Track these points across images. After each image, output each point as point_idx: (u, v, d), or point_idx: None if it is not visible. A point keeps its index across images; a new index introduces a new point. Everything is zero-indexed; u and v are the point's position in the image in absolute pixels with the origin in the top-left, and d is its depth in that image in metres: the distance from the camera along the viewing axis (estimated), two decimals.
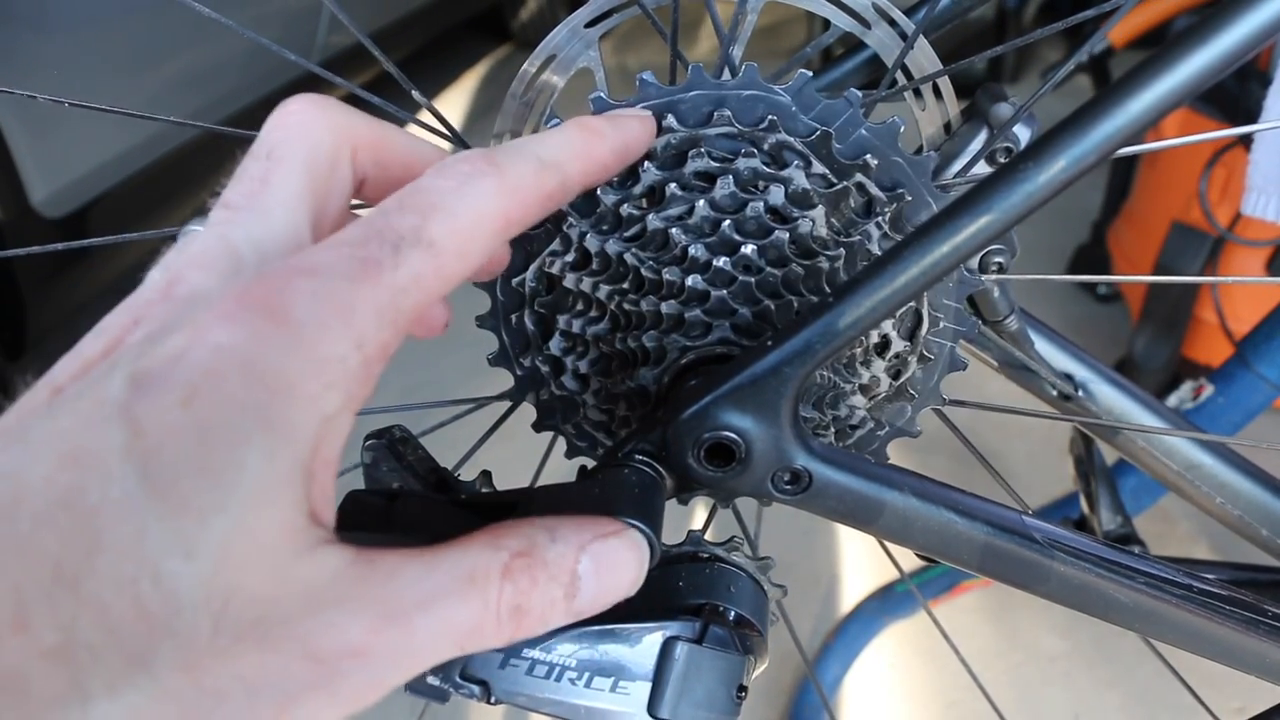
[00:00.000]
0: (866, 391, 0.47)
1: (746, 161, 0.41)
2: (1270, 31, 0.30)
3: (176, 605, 0.21)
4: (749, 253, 0.41)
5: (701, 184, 0.42)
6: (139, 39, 1.70)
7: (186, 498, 0.21)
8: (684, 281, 0.42)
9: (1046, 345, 0.57)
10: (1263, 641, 0.41)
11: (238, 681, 0.22)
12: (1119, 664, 1.32)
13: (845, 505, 0.38)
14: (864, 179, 0.42)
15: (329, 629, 0.24)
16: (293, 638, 0.23)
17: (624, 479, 0.36)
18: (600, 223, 0.42)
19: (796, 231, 0.41)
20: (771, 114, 0.41)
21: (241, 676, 0.22)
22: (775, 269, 0.42)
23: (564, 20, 0.45)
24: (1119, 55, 1.79)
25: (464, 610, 0.27)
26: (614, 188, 0.42)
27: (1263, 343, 1.01)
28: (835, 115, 0.41)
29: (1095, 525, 0.77)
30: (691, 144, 0.41)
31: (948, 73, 0.46)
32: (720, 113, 0.41)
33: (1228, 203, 1.53)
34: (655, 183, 0.41)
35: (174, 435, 0.21)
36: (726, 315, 0.42)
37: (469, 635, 0.27)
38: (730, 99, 0.41)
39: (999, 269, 0.49)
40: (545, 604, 0.29)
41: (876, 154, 0.42)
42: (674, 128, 0.41)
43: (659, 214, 0.41)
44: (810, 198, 0.42)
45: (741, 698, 0.36)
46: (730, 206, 0.41)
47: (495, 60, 3.92)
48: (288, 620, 0.23)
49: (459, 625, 0.27)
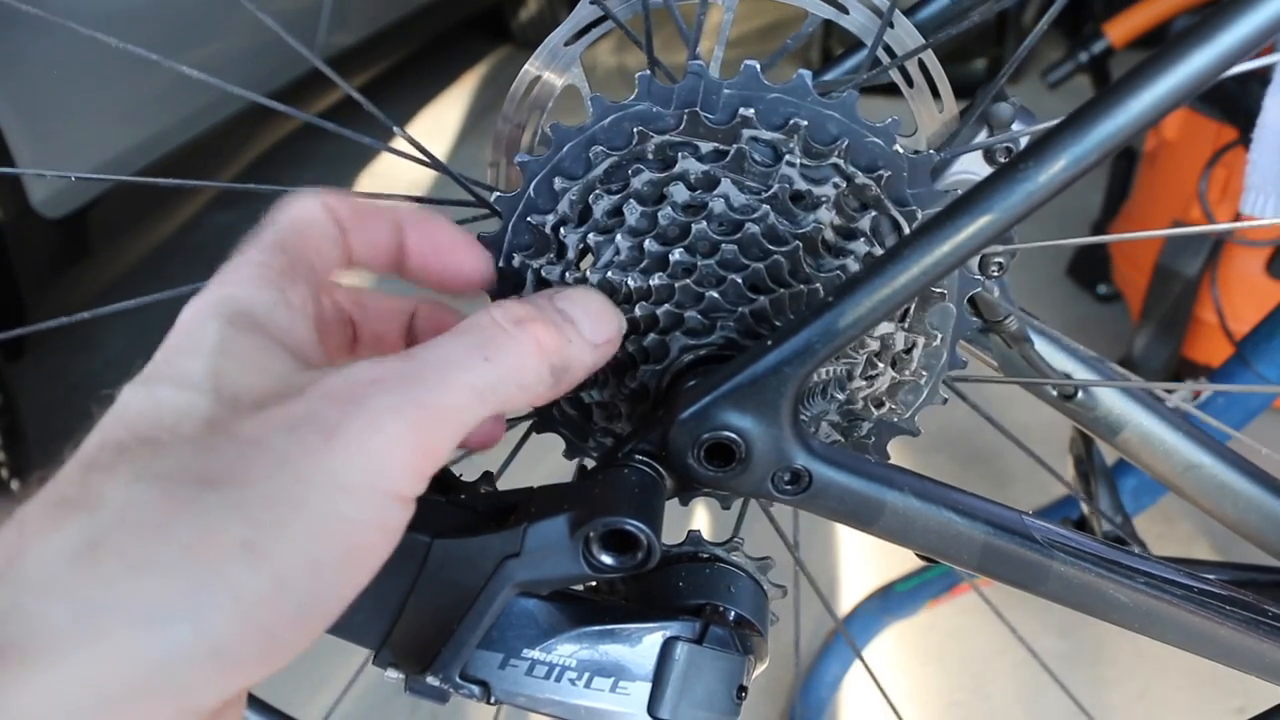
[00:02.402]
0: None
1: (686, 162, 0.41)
2: (1270, 31, 0.30)
3: (189, 409, 0.26)
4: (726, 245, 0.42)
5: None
6: (140, 39, 1.70)
7: (170, 367, 0.28)
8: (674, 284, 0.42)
9: (1046, 345, 0.57)
10: (1263, 641, 0.41)
11: (271, 428, 0.26)
12: (1119, 664, 1.32)
13: (845, 505, 0.38)
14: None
15: (337, 376, 0.27)
16: (308, 391, 0.27)
17: (624, 479, 0.36)
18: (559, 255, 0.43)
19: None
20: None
21: (272, 423, 0.26)
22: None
23: (545, 40, 0.46)
24: (1119, 55, 1.79)
25: (464, 335, 0.30)
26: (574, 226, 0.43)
27: (1263, 343, 1.01)
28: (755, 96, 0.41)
29: (1095, 525, 0.77)
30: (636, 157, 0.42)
31: (930, 46, 0.45)
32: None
33: (1228, 203, 1.53)
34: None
35: (158, 356, 0.29)
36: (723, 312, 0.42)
37: (484, 345, 0.30)
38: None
39: (999, 269, 0.49)
40: (549, 319, 0.32)
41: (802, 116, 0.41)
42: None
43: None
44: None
45: (742, 698, 0.36)
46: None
47: (495, 60, 3.92)
48: (302, 386, 0.27)
49: (465, 342, 0.29)
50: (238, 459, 0.25)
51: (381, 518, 0.27)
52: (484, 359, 0.29)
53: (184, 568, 0.23)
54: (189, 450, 0.25)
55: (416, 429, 0.27)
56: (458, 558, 0.34)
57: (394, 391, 0.27)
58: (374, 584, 0.34)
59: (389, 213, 0.37)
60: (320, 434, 0.25)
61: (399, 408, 0.27)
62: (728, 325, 0.42)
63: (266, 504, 0.24)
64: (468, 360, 0.29)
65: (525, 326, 0.31)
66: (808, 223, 0.42)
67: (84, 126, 1.63)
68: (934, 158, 0.42)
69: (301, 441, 0.25)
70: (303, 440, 0.25)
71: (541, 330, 0.31)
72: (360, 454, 0.26)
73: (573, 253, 0.43)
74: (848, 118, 0.41)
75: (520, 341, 0.31)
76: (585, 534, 0.33)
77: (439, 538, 0.34)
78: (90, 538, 0.23)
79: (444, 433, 0.28)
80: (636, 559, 0.33)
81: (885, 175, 0.42)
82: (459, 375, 0.28)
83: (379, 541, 0.27)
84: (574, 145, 0.42)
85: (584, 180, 0.42)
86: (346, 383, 0.27)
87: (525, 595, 0.35)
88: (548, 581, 0.34)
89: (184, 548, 0.23)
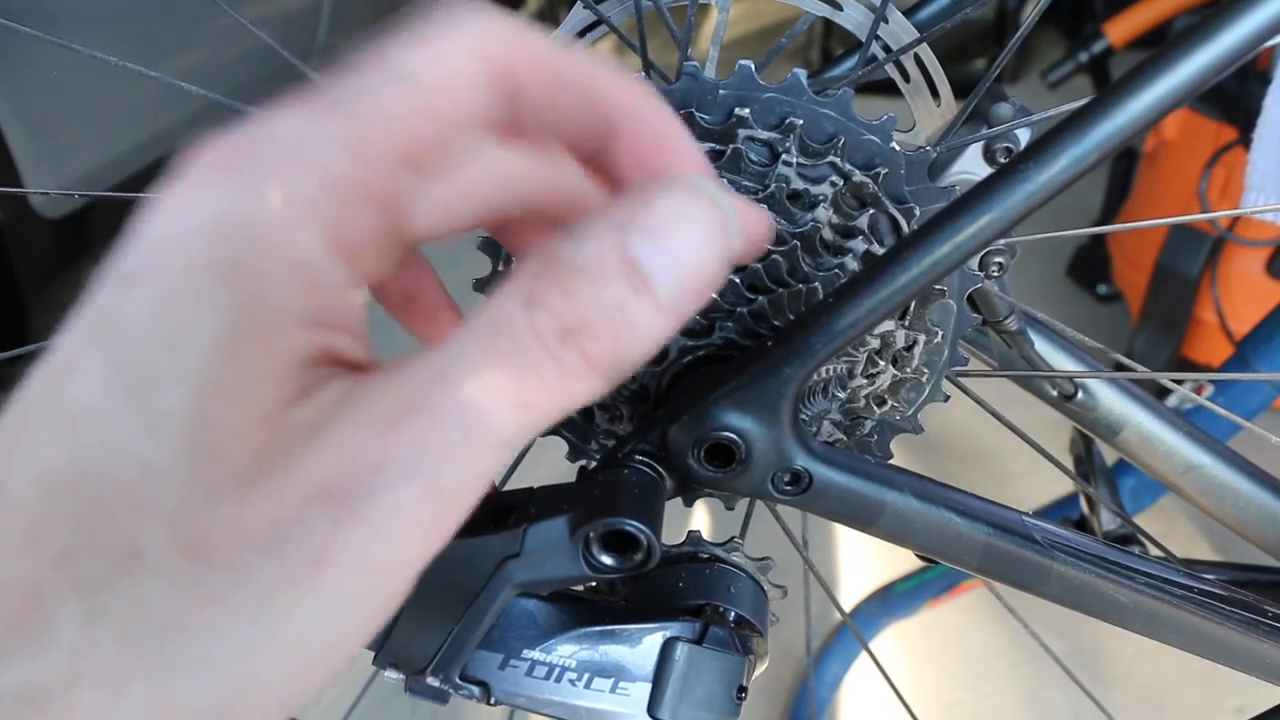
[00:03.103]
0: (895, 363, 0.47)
1: None
2: (1270, 31, 0.30)
3: (158, 480, 0.20)
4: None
5: None
6: (137, 40, 1.70)
7: (146, 371, 0.20)
8: None
9: (1046, 345, 0.57)
10: (1263, 642, 0.41)
11: (250, 547, 0.20)
12: (1119, 664, 1.32)
13: (845, 506, 0.38)
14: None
15: (331, 450, 0.20)
16: (296, 477, 0.20)
17: (624, 479, 0.36)
18: None
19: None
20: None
21: (253, 538, 0.20)
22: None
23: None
24: (1119, 55, 1.79)
25: (497, 362, 0.21)
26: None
27: (1263, 343, 1.01)
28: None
29: (1095, 525, 0.77)
30: None
31: (925, 40, 0.45)
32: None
33: (1227, 202, 1.53)
34: None
35: (134, 316, 0.20)
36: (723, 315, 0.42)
37: (518, 388, 0.21)
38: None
39: (999, 269, 0.49)
40: (610, 311, 0.22)
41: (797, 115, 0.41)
42: None
43: None
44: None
45: (741, 698, 0.36)
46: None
47: None
48: (288, 461, 0.20)
49: (498, 381, 0.21)
50: (210, 596, 0.20)
51: (375, 620, 0.22)
52: (520, 404, 0.21)
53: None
54: (153, 582, 0.20)
55: (430, 522, 0.21)
56: (457, 558, 0.34)
57: (406, 480, 0.21)
58: None
59: (589, 78, 0.26)
60: (309, 559, 0.20)
61: (412, 505, 0.21)
62: (726, 326, 0.42)
63: (240, 657, 0.20)
64: (499, 413, 0.21)
65: (573, 345, 0.22)
66: (805, 221, 0.42)
67: (84, 126, 1.63)
68: (931, 154, 0.42)
69: (286, 573, 0.20)
70: (288, 572, 0.20)
71: (594, 345, 0.22)
72: (357, 573, 0.21)
73: None
74: (844, 115, 0.41)
75: (568, 369, 0.22)
76: (585, 535, 0.33)
77: None
78: (34, 687, 0.19)
79: (463, 508, 0.22)
80: (636, 560, 0.33)
81: (883, 173, 0.42)
82: (488, 434, 0.21)
83: (364, 639, 0.22)
84: None
85: None
86: (339, 468, 0.20)
87: (525, 596, 0.35)
88: (548, 582, 0.34)
89: (139, 713, 0.19)
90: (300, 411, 0.21)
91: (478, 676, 0.34)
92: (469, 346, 0.22)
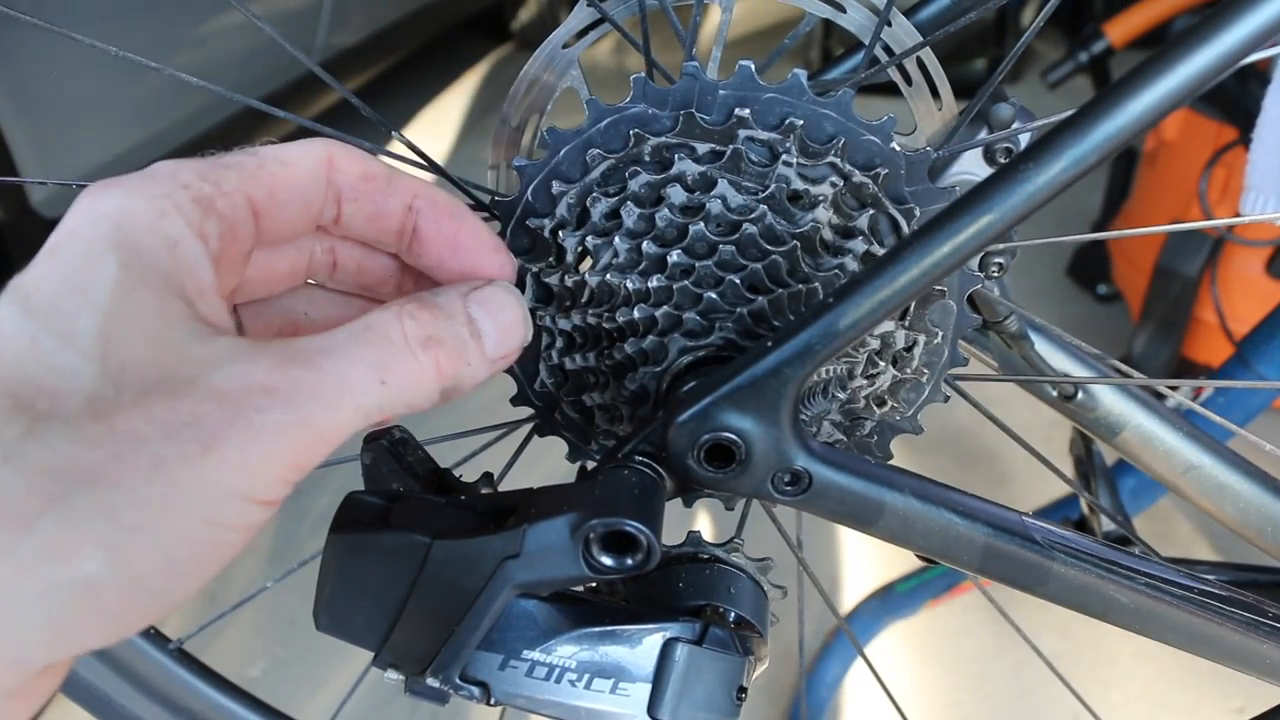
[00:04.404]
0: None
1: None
2: (1270, 31, 0.30)
3: (71, 375, 0.25)
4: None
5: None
6: (138, 39, 1.70)
7: (57, 308, 0.26)
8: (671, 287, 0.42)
9: (1047, 346, 0.57)
10: (1263, 642, 0.41)
11: (153, 425, 0.25)
12: (1119, 664, 1.32)
13: (845, 506, 0.38)
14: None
15: (232, 372, 0.27)
16: (198, 385, 0.26)
17: (624, 480, 0.36)
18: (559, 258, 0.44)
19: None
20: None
21: (155, 420, 0.25)
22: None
23: (544, 42, 0.46)
24: (1119, 55, 1.79)
25: (368, 348, 0.29)
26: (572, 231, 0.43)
27: (1263, 343, 1.01)
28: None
29: (1095, 526, 0.77)
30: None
31: (928, 44, 0.45)
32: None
33: (1227, 202, 1.53)
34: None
35: (44, 278, 0.27)
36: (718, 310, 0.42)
37: (385, 367, 0.29)
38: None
39: (999, 269, 0.49)
40: (455, 339, 0.31)
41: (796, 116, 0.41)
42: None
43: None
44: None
45: (741, 699, 0.36)
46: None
47: (495, 60, 3.92)
48: (192, 376, 0.26)
49: (368, 359, 0.29)
50: (113, 457, 0.25)
51: (244, 520, 0.27)
52: (381, 382, 0.29)
53: (41, 564, 0.24)
54: (65, 438, 0.25)
55: (297, 446, 0.27)
56: (457, 559, 0.34)
57: (285, 408, 0.27)
58: (374, 586, 0.34)
59: (405, 189, 0.35)
60: (199, 442, 0.25)
61: (285, 426, 0.27)
62: (726, 326, 0.42)
63: (134, 507, 0.25)
64: (365, 382, 0.29)
65: (431, 350, 0.30)
66: (805, 222, 0.42)
67: (84, 125, 1.63)
68: (931, 155, 0.43)
69: (180, 447, 0.25)
70: (181, 446, 0.25)
71: (445, 356, 0.31)
72: (235, 465, 0.26)
73: (571, 256, 0.43)
74: (844, 116, 0.41)
75: (422, 367, 0.30)
76: (585, 535, 0.33)
77: (439, 539, 0.34)
78: None
79: (322, 450, 0.28)
80: (636, 560, 0.33)
81: (883, 173, 0.42)
82: (353, 397, 0.28)
83: (237, 539, 0.27)
84: (571, 149, 0.42)
85: (581, 183, 0.42)
86: (238, 385, 0.26)
87: (525, 596, 0.35)
88: (547, 583, 0.34)
89: (44, 544, 0.24)
90: (202, 348, 0.27)
91: (477, 677, 0.34)
92: (350, 335, 0.29)
